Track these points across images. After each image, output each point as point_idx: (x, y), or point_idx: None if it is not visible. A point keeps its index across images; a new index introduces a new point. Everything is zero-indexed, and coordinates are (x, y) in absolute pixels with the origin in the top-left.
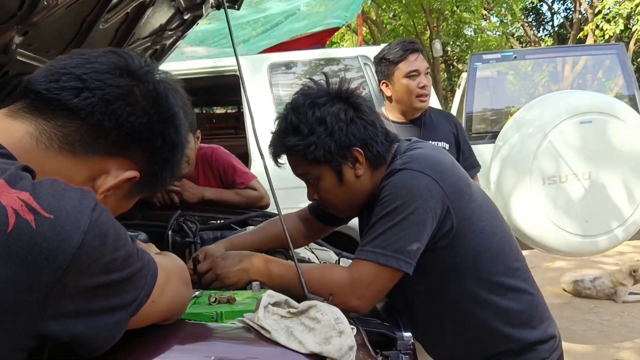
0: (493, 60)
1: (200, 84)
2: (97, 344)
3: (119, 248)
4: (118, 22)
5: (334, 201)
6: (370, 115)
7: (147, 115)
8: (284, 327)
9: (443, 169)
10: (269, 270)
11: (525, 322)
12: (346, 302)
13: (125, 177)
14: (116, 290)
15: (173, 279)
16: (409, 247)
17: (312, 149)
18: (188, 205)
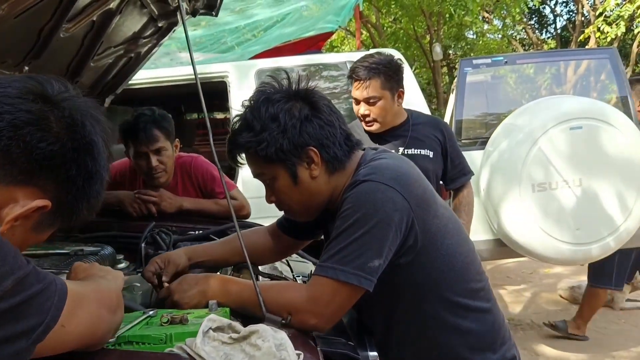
0: (483, 65)
1: (189, 90)
2: None
3: (5, 274)
4: (83, 30)
5: (290, 203)
6: (328, 115)
7: (60, 142)
8: (222, 355)
9: (408, 181)
10: (227, 291)
11: (486, 345)
12: (305, 321)
13: (33, 206)
14: (11, 317)
15: (90, 302)
16: (370, 263)
17: (264, 146)
18: (166, 216)
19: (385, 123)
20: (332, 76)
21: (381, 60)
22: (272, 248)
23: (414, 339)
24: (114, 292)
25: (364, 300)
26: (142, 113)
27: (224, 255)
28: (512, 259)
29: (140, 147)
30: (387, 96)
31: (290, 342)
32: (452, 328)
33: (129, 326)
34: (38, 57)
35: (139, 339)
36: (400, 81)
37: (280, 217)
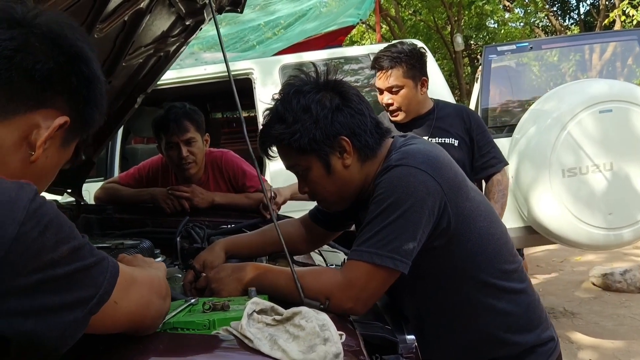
0: (508, 51)
1: (214, 89)
2: (51, 345)
3: (62, 240)
4: (115, 30)
5: (323, 193)
6: (358, 104)
7: (52, 59)
8: (267, 336)
9: (440, 165)
10: (263, 278)
11: (521, 326)
12: (341, 305)
13: (57, 124)
14: (66, 285)
15: (141, 285)
16: (404, 246)
17: (297, 137)
18: (199, 211)
19: (410, 112)
20: (354, 69)
21: (403, 50)
22: (304, 239)
23: (448, 321)
24: (162, 280)
25: (397, 284)
26: (173, 106)
27: (260, 245)
28: (541, 248)
29: (171, 138)
30: (410, 85)
31: (332, 323)
32: (486, 310)
33: (173, 313)
34: None
35: (183, 325)
36: (423, 69)
37: (313, 209)
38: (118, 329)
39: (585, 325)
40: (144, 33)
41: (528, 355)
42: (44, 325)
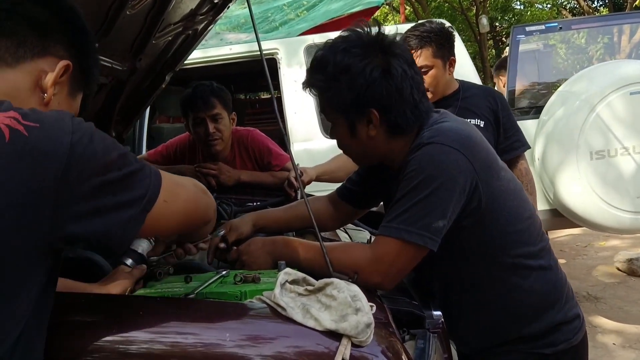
0: (537, 32)
1: (238, 69)
2: (117, 240)
3: (110, 147)
4: (146, 8)
5: (347, 149)
6: (400, 81)
7: (47, 9)
8: (300, 305)
9: (472, 144)
10: (293, 252)
11: (549, 304)
12: (369, 279)
13: (61, 66)
14: (120, 187)
15: (184, 184)
16: (434, 223)
17: (329, 94)
18: (225, 188)
19: (437, 92)
20: None
21: (432, 29)
22: (332, 215)
23: (474, 299)
24: (198, 184)
25: (425, 261)
26: (200, 83)
27: (288, 220)
28: (565, 232)
29: (198, 113)
30: (439, 65)
31: (364, 294)
32: (512, 288)
33: (205, 284)
34: (106, 35)
35: (215, 296)
36: (451, 49)
37: (341, 186)
38: (176, 227)
39: (609, 309)
40: (173, 11)
41: (554, 333)
42: (108, 222)
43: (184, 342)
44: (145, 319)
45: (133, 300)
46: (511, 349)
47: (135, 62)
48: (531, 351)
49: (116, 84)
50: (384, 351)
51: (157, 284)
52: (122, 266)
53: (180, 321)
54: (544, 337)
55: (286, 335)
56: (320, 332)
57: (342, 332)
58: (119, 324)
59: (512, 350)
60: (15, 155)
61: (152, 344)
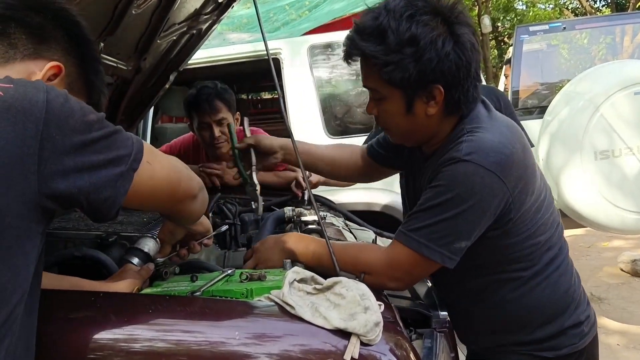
0: (540, 31)
1: (241, 69)
2: (106, 194)
3: (87, 109)
4: (151, 7)
5: (392, 126)
6: (469, 55)
7: (41, 14)
8: (309, 304)
9: (511, 163)
10: (305, 248)
11: (560, 310)
12: (383, 283)
13: (49, 66)
14: (105, 146)
15: (167, 156)
16: (457, 244)
17: (390, 68)
18: (229, 188)
19: None
20: None
21: None
22: (358, 168)
23: (484, 305)
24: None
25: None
26: (205, 86)
27: (313, 159)
28: (568, 233)
29: (203, 118)
30: None
31: (372, 293)
32: (528, 293)
33: (211, 283)
34: (112, 34)
35: (222, 294)
36: None
37: (371, 142)
38: (162, 196)
39: (613, 310)
40: (178, 10)
41: (559, 337)
42: (97, 178)
43: (191, 340)
44: (153, 316)
45: (140, 298)
46: (513, 349)
47: (140, 62)
48: (532, 353)
49: (121, 84)
50: (393, 350)
51: (163, 283)
52: (129, 265)
53: (187, 319)
54: (548, 341)
55: (295, 333)
56: (329, 330)
57: (351, 331)
58: (127, 322)
59: (514, 352)
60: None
61: (157, 342)
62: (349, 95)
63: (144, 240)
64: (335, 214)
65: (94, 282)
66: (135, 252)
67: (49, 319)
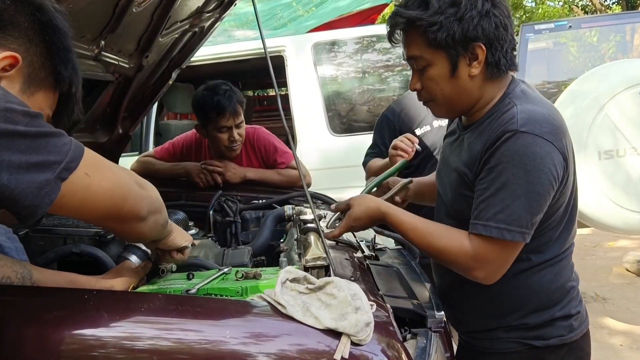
0: (546, 30)
1: (247, 66)
2: (27, 202)
3: (13, 101)
4: (153, 5)
5: (437, 93)
6: (506, 18)
7: (3, 1)
8: (300, 303)
9: (563, 134)
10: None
11: (554, 300)
12: (472, 274)
13: (1, 57)
14: (30, 146)
15: (113, 167)
16: (534, 219)
17: (435, 28)
18: (231, 186)
19: None
20: (385, 48)
21: None
22: None
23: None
24: (135, 175)
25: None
26: (224, 89)
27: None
28: (580, 232)
29: (226, 122)
30: None
31: (364, 293)
32: (524, 280)
33: (207, 281)
34: (113, 32)
35: (217, 292)
36: None
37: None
38: (100, 209)
39: (617, 310)
40: (180, 8)
41: (546, 327)
42: (17, 181)
43: (182, 338)
44: (145, 314)
45: (136, 296)
46: (502, 336)
47: (141, 60)
48: (521, 341)
49: (123, 81)
50: (384, 350)
51: (159, 281)
52: (127, 262)
53: (182, 317)
54: (537, 329)
55: (286, 333)
56: (320, 330)
57: (342, 330)
58: (117, 320)
59: (504, 339)
60: None
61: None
62: (353, 93)
63: None
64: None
65: (90, 278)
66: (133, 250)
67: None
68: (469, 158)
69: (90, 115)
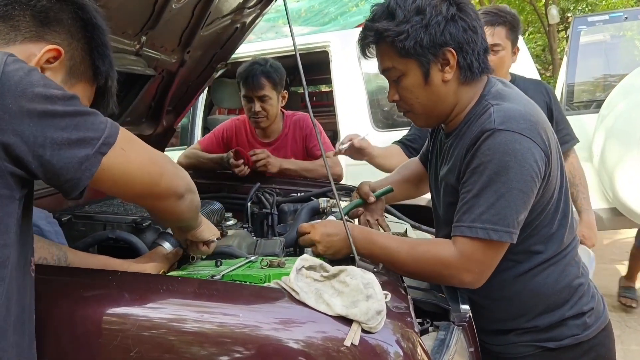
0: (599, 22)
1: (293, 62)
2: (69, 176)
3: (51, 85)
4: (193, 1)
5: (414, 103)
6: (473, 20)
7: (48, 1)
8: (313, 290)
9: (541, 130)
10: (372, 242)
11: (562, 299)
12: (460, 278)
13: (45, 50)
14: (69, 123)
15: (147, 146)
16: (519, 217)
17: (403, 37)
18: (269, 178)
19: (500, 76)
20: None
21: (507, 11)
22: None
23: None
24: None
25: None
26: (256, 62)
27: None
28: (632, 233)
29: (248, 92)
30: (509, 47)
31: (378, 282)
32: (528, 279)
33: (232, 268)
34: (153, 28)
35: (241, 279)
36: (518, 37)
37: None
38: (137, 186)
39: None
40: (220, 4)
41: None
42: (59, 156)
43: (197, 318)
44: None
45: (156, 278)
46: (516, 341)
47: (184, 55)
48: (534, 344)
49: (166, 76)
50: (399, 340)
51: (189, 267)
52: (160, 247)
53: (199, 299)
54: (549, 331)
55: (298, 318)
56: (333, 317)
57: (352, 318)
58: (137, 301)
59: (517, 344)
60: None
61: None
62: None
63: None
64: None
65: (123, 261)
66: (166, 237)
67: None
68: (452, 165)
69: (135, 109)
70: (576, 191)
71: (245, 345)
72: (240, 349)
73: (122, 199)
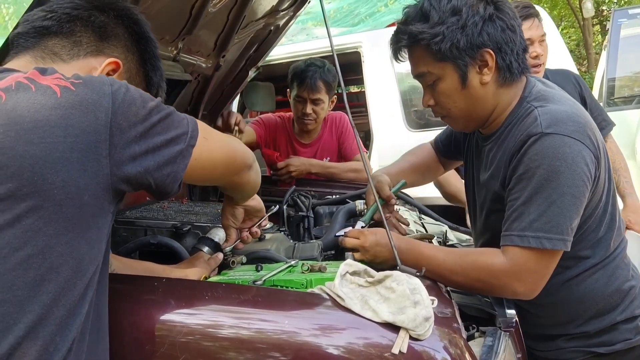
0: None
1: None
2: (169, 170)
3: (146, 96)
4: (228, 5)
5: (451, 108)
6: (512, 19)
7: (105, 13)
8: (359, 296)
9: (589, 130)
10: (419, 253)
11: (612, 303)
12: (511, 289)
13: (107, 62)
14: (163, 127)
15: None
16: (572, 224)
17: (438, 39)
18: (305, 181)
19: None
20: None
21: (528, 3)
22: (437, 163)
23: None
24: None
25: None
26: (314, 63)
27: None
28: None
29: (302, 92)
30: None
31: (424, 288)
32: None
33: (273, 272)
34: (190, 33)
35: (283, 284)
36: None
37: (437, 137)
38: (220, 167)
39: None
40: (254, 7)
41: (610, 332)
42: (160, 157)
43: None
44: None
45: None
46: (564, 347)
47: (219, 59)
48: (584, 349)
49: (202, 80)
50: (446, 347)
51: (230, 272)
52: (200, 252)
53: (243, 305)
54: (599, 336)
55: (344, 325)
56: (379, 323)
57: (400, 325)
58: (184, 306)
59: (565, 350)
60: (69, 106)
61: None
62: None
63: (215, 230)
64: (410, 208)
65: (165, 267)
66: (206, 242)
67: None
68: (494, 171)
69: None
70: (617, 175)
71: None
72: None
73: (204, 183)
